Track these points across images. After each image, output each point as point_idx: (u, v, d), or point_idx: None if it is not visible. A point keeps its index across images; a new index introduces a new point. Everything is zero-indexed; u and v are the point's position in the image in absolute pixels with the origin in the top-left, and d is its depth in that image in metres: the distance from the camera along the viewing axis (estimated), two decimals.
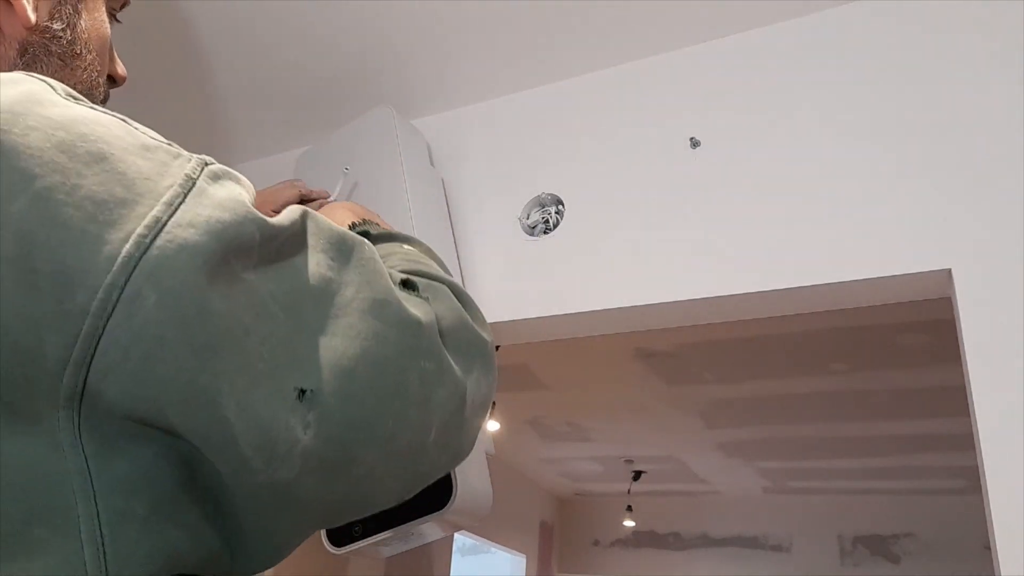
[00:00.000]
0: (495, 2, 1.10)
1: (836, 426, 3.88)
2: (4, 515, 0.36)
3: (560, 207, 1.16)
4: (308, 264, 0.46)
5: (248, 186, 0.46)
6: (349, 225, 0.68)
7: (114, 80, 0.68)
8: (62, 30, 0.58)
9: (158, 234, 0.38)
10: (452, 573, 4.69)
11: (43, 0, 0.58)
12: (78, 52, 0.60)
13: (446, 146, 1.31)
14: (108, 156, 0.40)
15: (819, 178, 0.99)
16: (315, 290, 0.46)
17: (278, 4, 1.13)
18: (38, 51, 0.57)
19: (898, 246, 0.91)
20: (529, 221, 1.18)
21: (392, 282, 0.51)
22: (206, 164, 0.44)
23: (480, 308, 0.62)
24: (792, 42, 1.07)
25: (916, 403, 3.43)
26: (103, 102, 0.64)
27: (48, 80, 0.44)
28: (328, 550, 0.96)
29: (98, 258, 0.37)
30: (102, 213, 0.38)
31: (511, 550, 5.42)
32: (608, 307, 1.06)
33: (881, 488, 5.03)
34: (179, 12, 1.15)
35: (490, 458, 1.01)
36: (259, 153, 1.49)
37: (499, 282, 1.14)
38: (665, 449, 4.64)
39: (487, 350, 0.59)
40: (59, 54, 0.58)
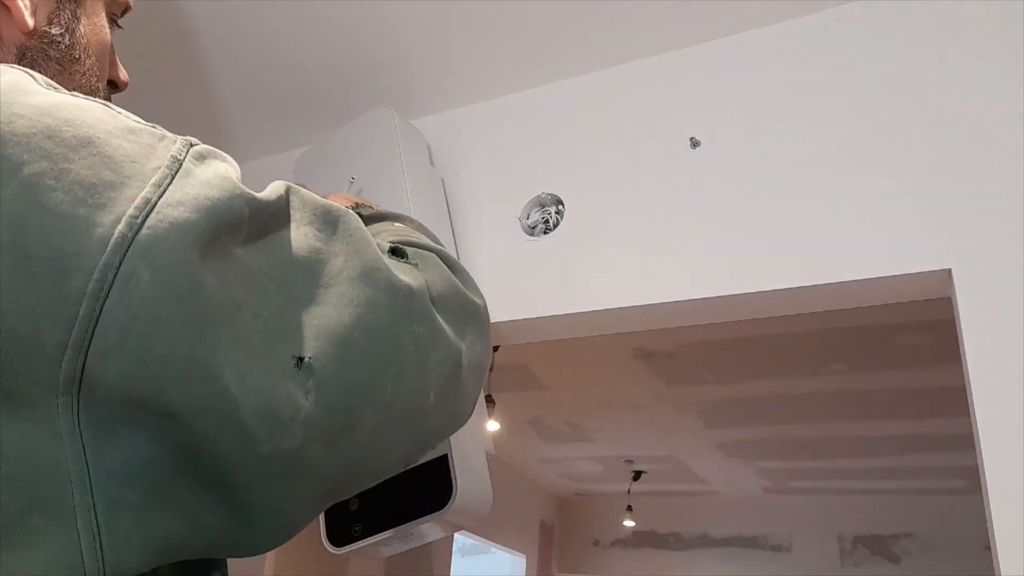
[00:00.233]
0: (495, 2, 1.10)
1: (836, 426, 3.88)
2: (2, 505, 0.36)
3: (560, 207, 1.16)
4: (296, 237, 0.47)
5: (234, 164, 0.46)
6: None
7: (115, 85, 0.68)
8: (60, 35, 0.58)
9: (149, 214, 0.38)
10: (452, 573, 4.69)
11: (42, 5, 0.57)
12: (77, 57, 0.60)
13: (446, 146, 1.31)
14: (94, 140, 0.40)
15: (819, 178, 0.99)
16: (305, 262, 0.46)
17: (278, 4, 1.13)
18: (36, 56, 0.57)
19: (898, 246, 0.91)
20: (529, 221, 1.18)
21: (380, 251, 0.52)
22: (191, 145, 0.44)
23: (471, 275, 0.63)
24: (792, 42, 1.07)
25: (916, 403, 3.43)
26: None
27: (29, 71, 0.44)
28: (328, 550, 0.96)
29: (91, 241, 0.37)
30: (91, 196, 0.38)
31: (511, 550, 5.42)
32: (608, 307, 1.06)
33: (881, 488, 5.04)
34: (179, 12, 1.15)
35: (490, 458, 1.01)
36: (259, 153, 1.49)
37: (499, 282, 1.14)
38: (665, 449, 4.64)
39: (480, 314, 0.60)
40: (57, 59, 0.58)
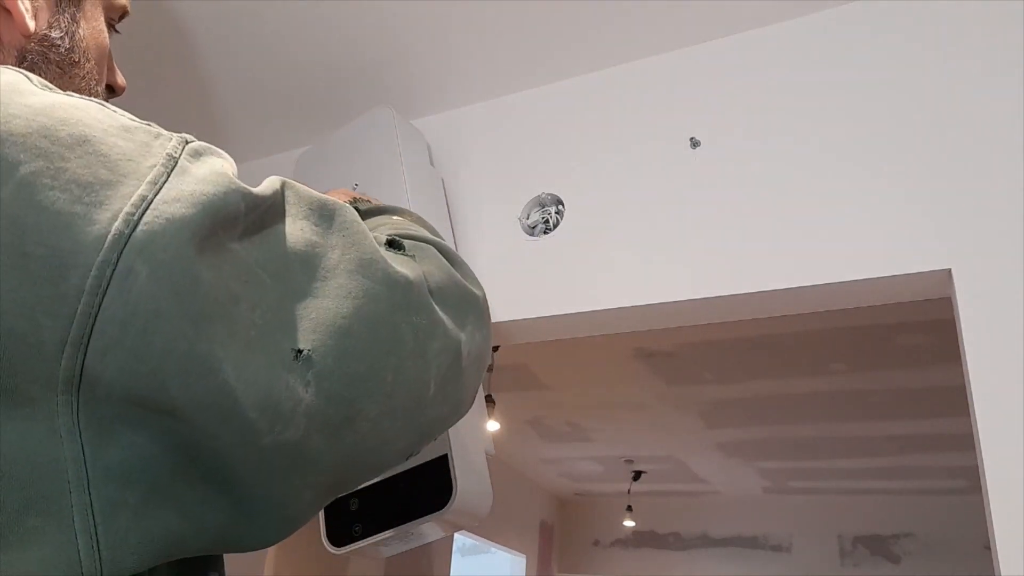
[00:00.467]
0: (495, 2, 1.10)
1: (836, 426, 3.88)
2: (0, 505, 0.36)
3: (560, 207, 1.16)
4: (292, 231, 0.47)
5: (229, 160, 0.47)
6: None
7: (113, 89, 0.68)
8: (60, 38, 0.59)
9: (145, 211, 0.39)
10: (452, 573, 4.69)
11: (42, 8, 0.58)
12: (76, 60, 0.60)
13: (446, 146, 1.31)
14: (90, 138, 0.40)
15: (819, 178, 0.99)
16: (301, 255, 0.46)
17: (278, 4, 1.13)
18: (36, 59, 0.57)
19: (898, 246, 0.91)
20: (529, 221, 1.18)
21: (377, 243, 0.52)
22: (187, 142, 0.45)
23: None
24: (792, 42, 1.07)
25: (916, 403, 3.43)
26: None
27: (24, 72, 0.44)
28: (328, 550, 0.96)
29: (88, 238, 0.37)
30: (88, 195, 0.38)
31: (511, 550, 5.42)
32: (608, 307, 1.06)
33: (881, 488, 5.04)
34: (178, 12, 1.15)
35: (490, 458, 1.01)
36: (259, 153, 1.49)
37: (499, 282, 1.14)
38: (665, 449, 4.64)
39: (479, 305, 0.60)
40: (57, 62, 0.59)
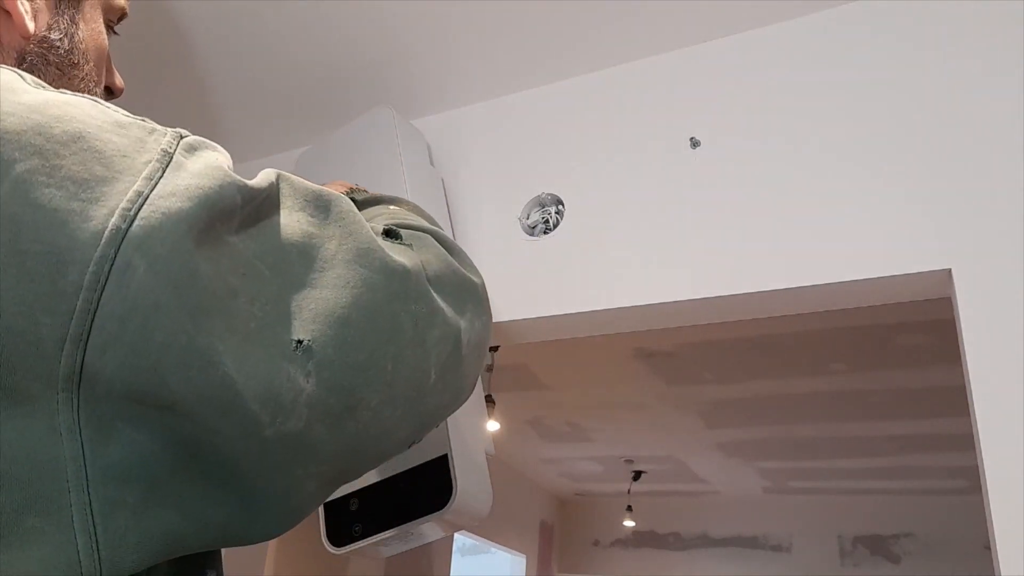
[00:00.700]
0: (495, 2, 1.10)
1: (836, 426, 3.88)
2: None
3: (560, 207, 1.16)
4: (289, 222, 0.47)
5: (224, 153, 0.47)
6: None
7: (111, 91, 0.68)
8: (60, 40, 0.59)
9: (142, 206, 0.39)
10: (452, 573, 4.69)
11: (42, 10, 0.58)
12: (75, 62, 0.60)
13: (446, 146, 1.31)
14: (84, 135, 0.40)
15: (819, 178, 0.99)
16: (299, 246, 0.47)
17: (278, 4, 1.13)
18: (36, 61, 0.57)
19: (898, 246, 0.91)
20: (529, 221, 1.18)
21: (374, 233, 0.52)
22: (181, 137, 0.44)
23: (466, 244, 0.63)
24: (792, 42, 1.07)
25: (916, 403, 3.43)
26: None
27: (17, 71, 0.44)
28: (328, 550, 0.96)
29: (85, 234, 0.37)
30: (84, 192, 0.38)
31: (511, 550, 5.42)
32: (608, 307, 1.06)
33: (881, 488, 5.03)
34: (178, 12, 1.15)
35: (490, 458, 1.01)
36: (259, 153, 1.49)
37: (499, 282, 1.14)
38: (665, 449, 4.64)
39: (478, 292, 0.60)
40: (57, 64, 0.59)
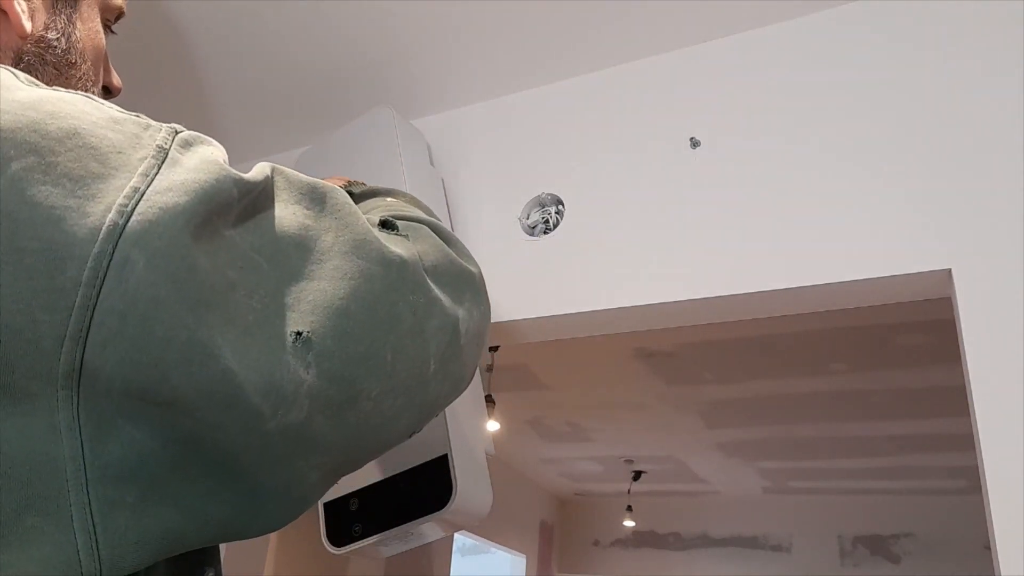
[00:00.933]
0: (496, 2, 1.10)
1: (836, 426, 3.88)
2: None
3: (560, 207, 1.16)
4: (285, 215, 0.47)
5: (220, 147, 0.47)
6: None
7: (109, 91, 0.68)
8: (57, 40, 0.59)
9: (139, 202, 0.39)
10: (452, 573, 4.69)
11: (39, 10, 0.58)
12: (73, 61, 0.60)
13: (446, 146, 1.31)
14: (79, 131, 0.40)
15: (819, 178, 0.99)
16: (295, 238, 0.47)
17: (278, 4, 1.13)
18: (33, 60, 0.57)
19: (898, 246, 0.91)
20: (529, 221, 1.18)
21: (370, 224, 0.53)
22: (176, 132, 0.45)
23: (465, 244, 0.63)
24: (792, 42, 1.07)
25: (916, 403, 3.43)
26: None
27: (10, 68, 0.44)
28: (328, 550, 0.96)
29: (82, 231, 0.37)
30: (80, 188, 0.38)
31: (511, 550, 5.42)
32: (608, 307, 1.06)
33: (881, 488, 5.04)
34: (177, 12, 1.15)
35: (490, 458, 1.01)
36: (259, 153, 1.49)
37: (499, 282, 1.14)
38: (665, 449, 4.64)
39: (475, 281, 0.61)
40: (54, 63, 0.58)
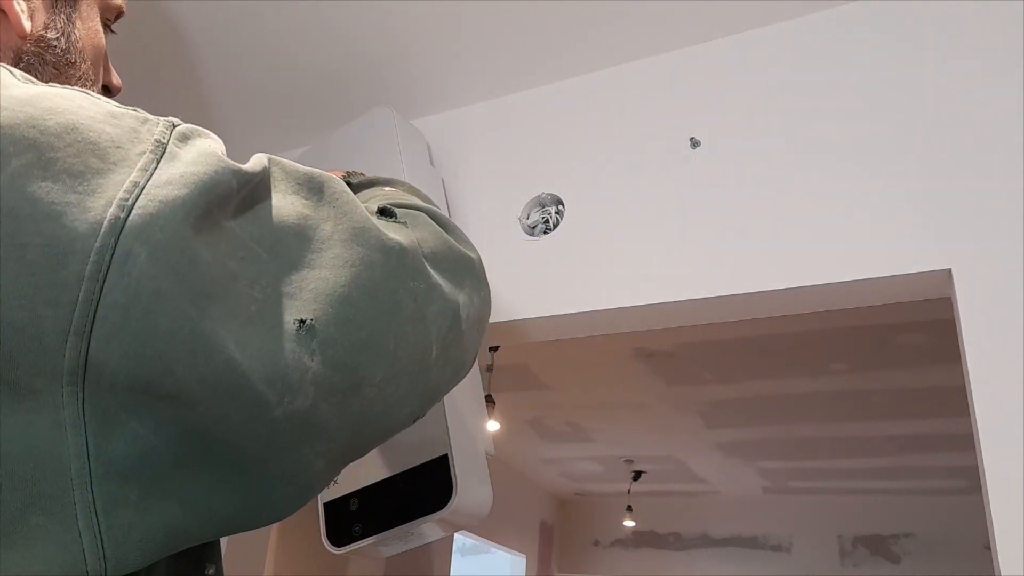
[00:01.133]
0: (495, 2, 1.10)
1: (836, 426, 3.88)
2: (1, 504, 0.36)
3: (560, 207, 1.16)
4: (284, 205, 0.48)
5: (218, 139, 0.47)
6: None
7: (109, 90, 0.68)
8: (56, 39, 0.58)
9: (139, 196, 0.39)
10: (452, 573, 4.69)
11: (38, 9, 0.58)
12: (73, 61, 0.60)
13: (446, 146, 1.31)
14: (78, 126, 0.40)
15: (819, 178, 0.99)
16: (295, 228, 0.47)
17: (278, 4, 1.13)
18: (33, 60, 0.57)
19: (898, 246, 0.91)
20: (529, 221, 1.18)
21: (368, 212, 0.53)
22: (174, 126, 0.45)
23: (464, 231, 0.64)
24: (792, 42, 1.07)
25: (916, 403, 3.43)
26: None
27: (5, 66, 0.44)
28: (328, 550, 0.96)
29: (84, 226, 0.37)
30: (80, 184, 0.38)
31: (511, 550, 5.42)
32: (608, 307, 1.06)
33: (881, 488, 5.03)
34: (177, 12, 1.15)
35: (490, 458, 1.01)
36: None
37: (499, 282, 1.14)
38: (665, 449, 4.64)
39: (475, 267, 0.61)
40: (54, 63, 0.58)
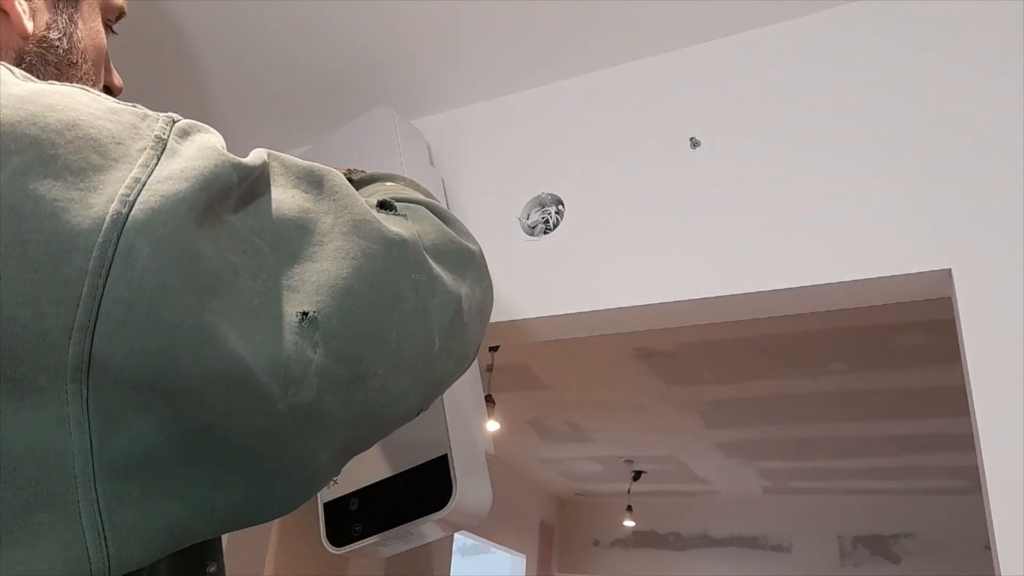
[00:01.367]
0: (496, 2, 1.10)
1: (836, 426, 3.88)
2: (5, 502, 0.36)
3: (560, 207, 1.16)
4: (284, 198, 0.48)
5: (217, 134, 0.47)
6: None
7: (110, 90, 0.68)
8: (58, 39, 0.59)
9: (141, 191, 0.39)
10: (452, 573, 4.69)
11: (40, 10, 0.58)
12: (74, 61, 0.60)
13: (446, 146, 1.31)
14: (78, 123, 0.40)
15: (819, 178, 0.99)
16: (295, 221, 0.47)
17: (278, 4, 1.13)
18: (35, 61, 0.57)
19: (898, 246, 0.91)
20: (529, 221, 1.18)
21: (368, 206, 0.53)
22: (174, 121, 0.45)
23: (464, 224, 0.64)
24: (792, 42, 1.07)
25: (916, 403, 3.43)
26: None
27: (4, 64, 0.44)
28: (328, 550, 0.96)
29: (86, 222, 0.37)
30: (82, 180, 0.38)
31: (511, 550, 5.42)
32: (608, 307, 1.06)
33: (881, 488, 5.03)
34: (178, 12, 1.15)
35: (490, 458, 1.01)
36: None
37: (499, 282, 1.14)
38: (665, 449, 4.64)
39: (475, 259, 0.61)
40: (55, 63, 0.58)
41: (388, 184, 0.66)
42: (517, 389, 3.74)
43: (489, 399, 3.03)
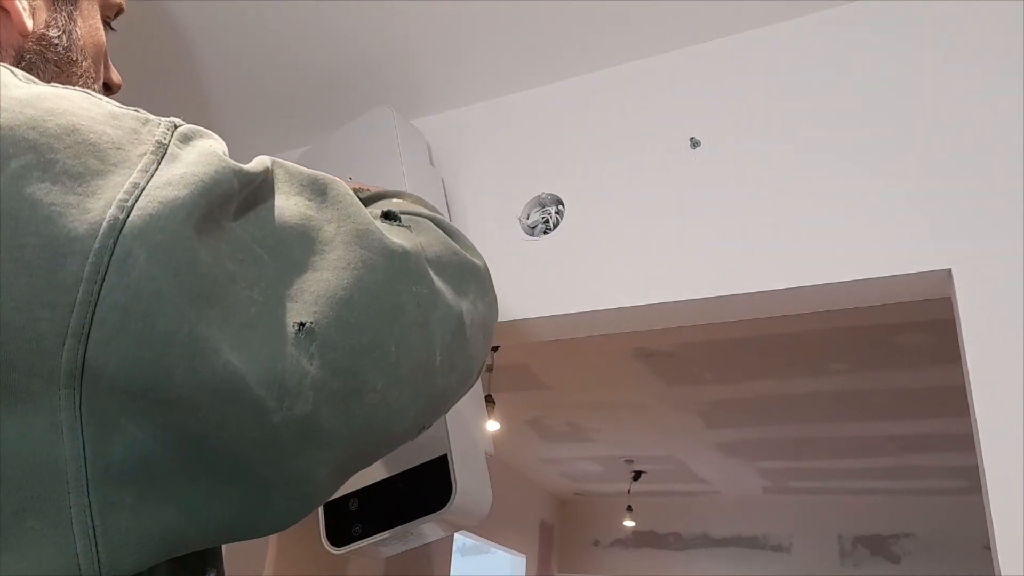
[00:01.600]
0: (496, 2, 1.10)
1: (836, 426, 3.88)
2: None
3: (560, 207, 1.16)
4: (286, 206, 0.47)
5: (219, 140, 0.46)
6: None
7: (109, 88, 0.68)
8: (58, 37, 0.58)
9: (139, 196, 0.38)
10: (452, 573, 4.69)
11: (39, 8, 0.58)
12: (74, 59, 0.60)
13: (446, 146, 1.31)
14: (78, 128, 0.40)
15: (819, 178, 0.99)
16: (297, 229, 0.46)
17: (278, 4, 1.13)
18: (35, 59, 0.57)
19: (898, 246, 0.91)
20: (529, 221, 1.18)
21: (372, 216, 0.52)
22: (175, 126, 0.44)
23: (468, 237, 0.63)
24: (792, 42, 1.07)
25: (916, 403, 3.43)
26: None
27: (7, 65, 0.44)
28: (328, 550, 0.96)
29: (83, 226, 0.37)
30: (80, 185, 0.38)
31: (511, 550, 5.42)
32: (608, 307, 1.06)
33: (881, 488, 5.03)
34: (178, 12, 1.15)
35: (490, 458, 1.01)
36: (259, 153, 1.49)
37: (499, 282, 1.13)
38: (665, 449, 4.64)
39: (480, 274, 0.60)
40: (55, 61, 0.58)
41: (394, 200, 0.66)
42: (517, 389, 3.74)
43: (489, 399, 3.03)
